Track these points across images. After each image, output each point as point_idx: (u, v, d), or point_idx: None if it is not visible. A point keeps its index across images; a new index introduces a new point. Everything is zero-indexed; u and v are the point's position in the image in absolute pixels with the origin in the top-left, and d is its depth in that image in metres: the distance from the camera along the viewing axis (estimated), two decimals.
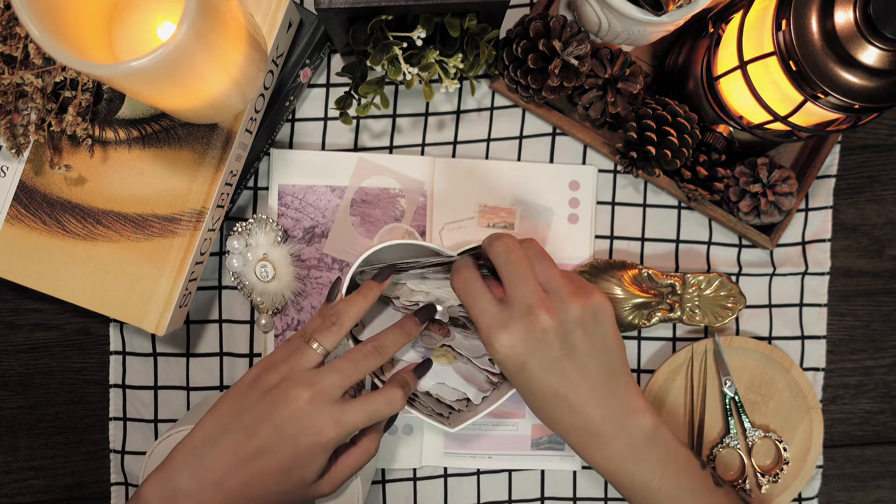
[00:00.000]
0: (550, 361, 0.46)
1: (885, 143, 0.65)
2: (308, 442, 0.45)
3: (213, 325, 0.62)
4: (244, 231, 0.58)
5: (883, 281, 0.66)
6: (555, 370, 0.46)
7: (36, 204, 0.54)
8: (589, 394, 0.46)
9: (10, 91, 0.52)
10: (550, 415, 0.47)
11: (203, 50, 0.39)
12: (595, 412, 0.46)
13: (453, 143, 0.63)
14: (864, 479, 0.66)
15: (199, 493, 0.44)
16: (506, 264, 0.47)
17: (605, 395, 0.47)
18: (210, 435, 0.45)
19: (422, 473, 0.63)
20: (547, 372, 0.46)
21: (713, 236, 0.64)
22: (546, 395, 0.47)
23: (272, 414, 0.45)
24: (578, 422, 0.47)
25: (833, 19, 0.44)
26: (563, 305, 0.46)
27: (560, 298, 0.46)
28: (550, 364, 0.46)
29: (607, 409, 0.47)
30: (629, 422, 0.47)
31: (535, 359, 0.46)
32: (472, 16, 0.53)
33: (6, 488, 0.63)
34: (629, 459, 0.46)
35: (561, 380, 0.46)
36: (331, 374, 0.46)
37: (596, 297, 0.47)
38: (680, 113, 0.57)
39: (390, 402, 0.48)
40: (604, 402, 0.46)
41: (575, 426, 0.47)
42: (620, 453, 0.47)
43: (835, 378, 0.65)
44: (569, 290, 0.47)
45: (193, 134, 0.53)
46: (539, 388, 0.47)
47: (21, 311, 0.63)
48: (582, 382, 0.46)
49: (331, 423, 0.45)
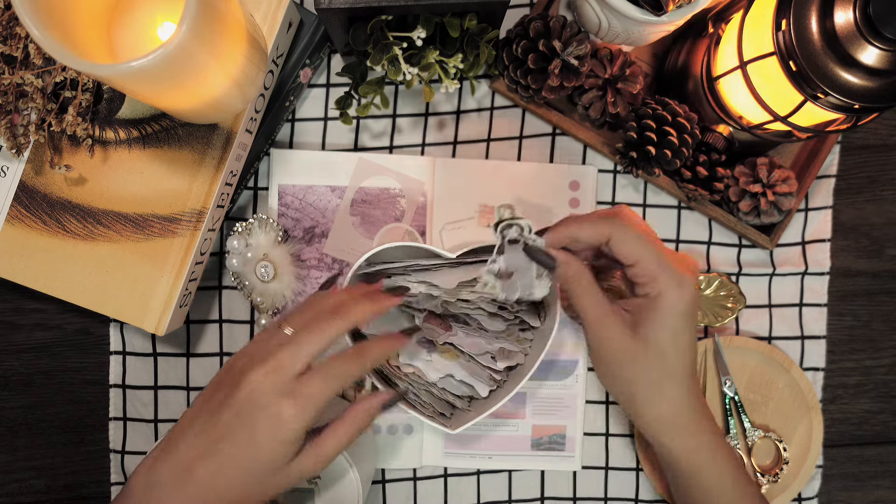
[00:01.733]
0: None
1: (885, 143, 0.65)
2: (267, 422, 0.42)
3: (214, 326, 0.62)
4: (244, 231, 0.58)
5: (882, 281, 0.66)
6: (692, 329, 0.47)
7: (36, 204, 0.54)
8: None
9: (11, 91, 0.52)
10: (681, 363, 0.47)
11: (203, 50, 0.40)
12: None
13: (453, 143, 0.63)
14: (863, 478, 0.66)
15: (173, 484, 0.43)
16: (638, 241, 0.46)
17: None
18: (185, 423, 0.44)
19: (422, 473, 0.63)
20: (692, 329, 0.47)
21: (713, 236, 0.64)
22: (686, 348, 0.47)
23: (232, 396, 0.43)
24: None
25: (833, 19, 0.44)
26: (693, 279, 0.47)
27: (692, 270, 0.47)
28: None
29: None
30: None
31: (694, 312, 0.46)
32: (472, 16, 0.53)
33: (6, 488, 0.63)
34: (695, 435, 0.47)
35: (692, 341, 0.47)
36: (290, 348, 0.43)
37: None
38: (680, 113, 0.57)
39: (359, 359, 0.44)
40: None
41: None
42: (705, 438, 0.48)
43: (834, 378, 0.65)
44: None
45: (193, 134, 0.53)
46: (685, 342, 0.47)
47: (21, 311, 0.63)
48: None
49: (288, 398, 0.42)
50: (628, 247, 0.45)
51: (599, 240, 0.46)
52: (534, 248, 0.47)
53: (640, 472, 0.64)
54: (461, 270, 0.53)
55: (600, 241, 0.46)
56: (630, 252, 0.45)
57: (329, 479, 0.53)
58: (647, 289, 0.45)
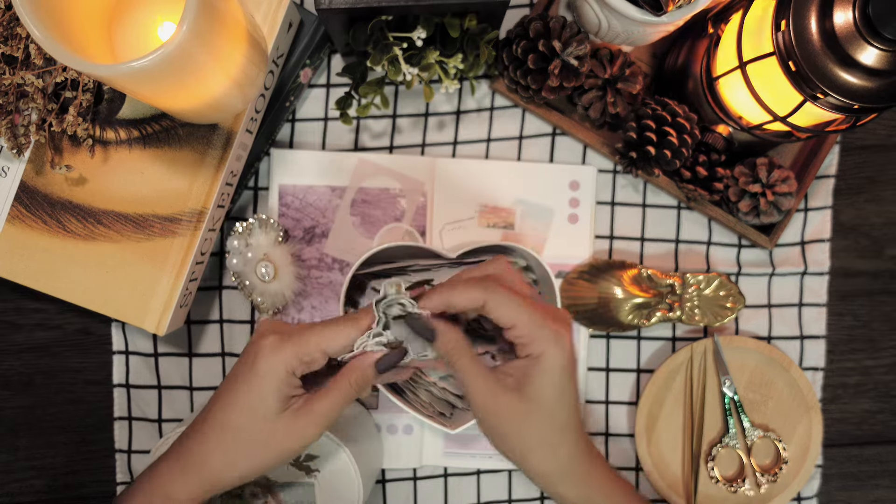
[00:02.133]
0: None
1: (885, 143, 0.65)
2: (252, 351, 0.44)
3: (214, 326, 0.62)
4: (245, 231, 0.58)
5: (882, 281, 0.66)
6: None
7: (37, 204, 0.54)
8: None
9: (12, 91, 0.53)
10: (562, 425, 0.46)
11: (203, 50, 0.40)
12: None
13: (453, 143, 0.63)
14: (863, 478, 0.66)
15: (168, 471, 0.45)
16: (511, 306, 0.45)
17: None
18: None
19: (422, 473, 0.63)
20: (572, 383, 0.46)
21: (713, 236, 0.64)
22: (570, 404, 0.46)
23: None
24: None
25: (832, 20, 0.44)
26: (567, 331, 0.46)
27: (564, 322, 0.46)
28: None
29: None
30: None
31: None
32: (472, 16, 0.53)
33: (7, 488, 0.63)
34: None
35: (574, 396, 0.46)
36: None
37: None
38: (679, 113, 0.57)
39: (356, 324, 0.45)
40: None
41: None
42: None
43: (834, 378, 0.66)
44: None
45: (194, 134, 0.53)
46: (571, 396, 0.46)
47: (22, 310, 0.63)
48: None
49: (268, 328, 0.44)
50: (503, 311, 0.44)
51: (474, 306, 0.45)
52: (414, 320, 0.46)
53: (640, 472, 0.64)
54: (461, 270, 0.53)
55: (475, 307, 0.45)
56: (505, 316, 0.44)
57: (329, 473, 0.53)
58: (527, 349, 0.45)
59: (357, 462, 0.53)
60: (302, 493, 0.53)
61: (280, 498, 0.53)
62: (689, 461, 0.62)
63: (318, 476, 0.53)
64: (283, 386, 0.43)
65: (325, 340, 0.44)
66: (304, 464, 0.53)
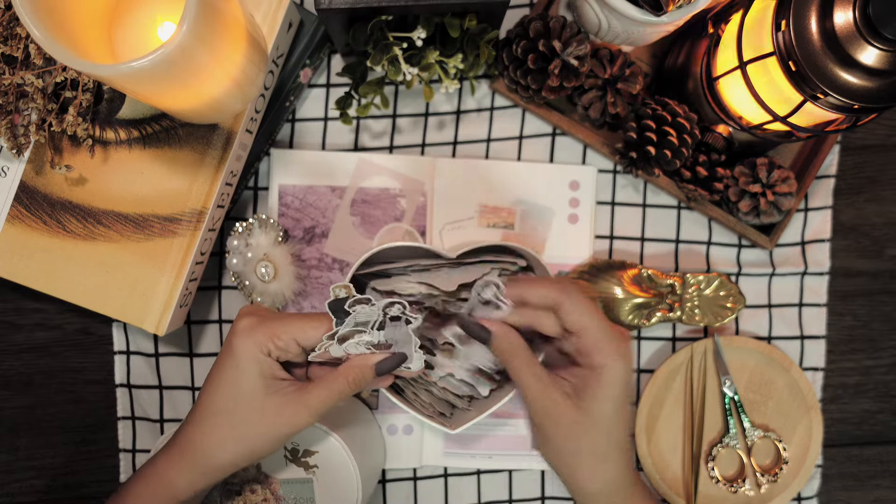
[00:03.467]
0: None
1: (885, 143, 0.65)
2: (230, 334, 0.45)
3: (214, 326, 0.62)
4: (245, 231, 0.58)
5: (882, 281, 0.66)
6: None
7: (37, 204, 0.54)
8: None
9: (11, 91, 0.53)
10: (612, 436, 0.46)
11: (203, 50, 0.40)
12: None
13: (453, 143, 0.63)
14: (863, 478, 0.66)
15: (167, 459, 0.46)
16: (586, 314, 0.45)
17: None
18: None
19: (422, 473, 0.63)
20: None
21: (713, 236, 0.64)
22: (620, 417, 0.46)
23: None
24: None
25: (832, 20, 0.44)
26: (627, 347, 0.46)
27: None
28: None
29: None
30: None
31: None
32: (472, 16, 0.53)
33: (7, 488, 0.63)
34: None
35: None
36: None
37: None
38: (679, 113, 0.57)
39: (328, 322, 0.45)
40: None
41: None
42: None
43: (834, 378, 0.66)
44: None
45: (194, 134, 0.53)
46: (626, 415, 0.46)
47: (22, 310, 0.63)
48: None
49: (245, 311, 0.45)
50: (577, 315, 0.44)
51: (548, 304, 0.45)
52: (468, 322, 0.46)
53: (640, 472, 0.64)
54: (461, 271, 0.53)
55: (549, 304, 0.45)
56: (578, 321, 0.44)
57: (327, 470, 0.53)
58: (590, 359, 0.44)
59: (356, 459, 0.53)
60: (300, 488, 0.53)
61: (278, 493, 0.53)
62: (690, 461, 0.62)
63: (317, 472, 0.53)
64: (261, 365, 0.44)
65: (298, 330, 0.44)
66: (303, 459, 0.53)
